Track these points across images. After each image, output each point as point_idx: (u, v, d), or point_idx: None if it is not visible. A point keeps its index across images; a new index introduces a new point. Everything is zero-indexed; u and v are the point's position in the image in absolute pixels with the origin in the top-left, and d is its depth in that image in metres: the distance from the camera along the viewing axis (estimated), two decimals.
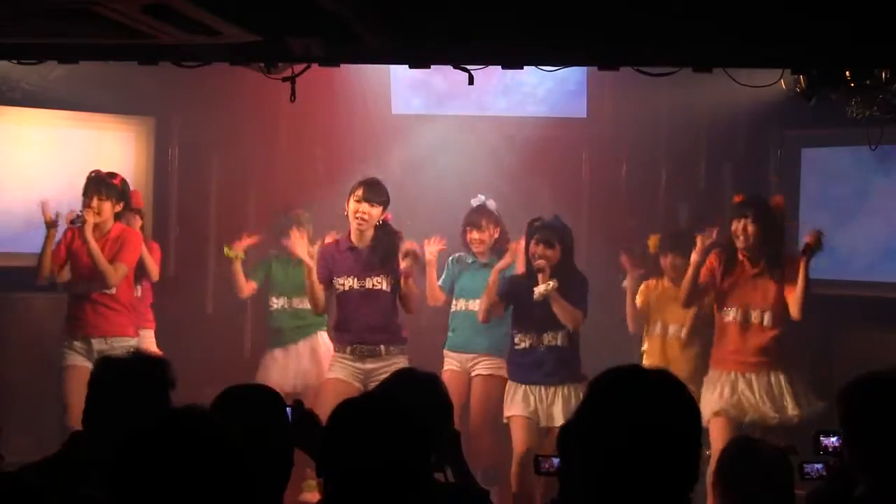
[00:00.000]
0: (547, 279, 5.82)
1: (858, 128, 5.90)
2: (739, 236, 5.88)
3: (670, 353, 6.45)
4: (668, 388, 2.14)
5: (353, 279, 5.99)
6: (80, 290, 6.30)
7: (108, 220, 6.29)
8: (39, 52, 5.16)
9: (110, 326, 6.27)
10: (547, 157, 7.59)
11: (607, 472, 2.07)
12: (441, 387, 3.59)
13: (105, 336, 6.24)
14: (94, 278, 6.23)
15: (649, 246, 6.66)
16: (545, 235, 5.92)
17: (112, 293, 6.27)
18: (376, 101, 7.69)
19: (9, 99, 7.18)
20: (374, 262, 5.98)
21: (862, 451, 2.95)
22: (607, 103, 7.59)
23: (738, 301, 5.93)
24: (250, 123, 7.73)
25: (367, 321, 5.96)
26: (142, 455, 2.16)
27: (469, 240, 6.62)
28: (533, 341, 5.96)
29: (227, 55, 4.89)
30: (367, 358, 5.96)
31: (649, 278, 6.60)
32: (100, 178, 6.30)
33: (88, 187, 6.27)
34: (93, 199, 6.23)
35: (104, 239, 6.25)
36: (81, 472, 3.08)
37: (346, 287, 6.00)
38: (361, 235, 6.00)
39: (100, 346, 6.19)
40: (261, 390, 3.28)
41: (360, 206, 5.94)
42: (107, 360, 3.69)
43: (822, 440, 3.45)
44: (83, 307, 6.27)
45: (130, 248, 6.32)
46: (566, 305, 5.85)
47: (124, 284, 6.31)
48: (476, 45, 4.75)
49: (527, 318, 5.98)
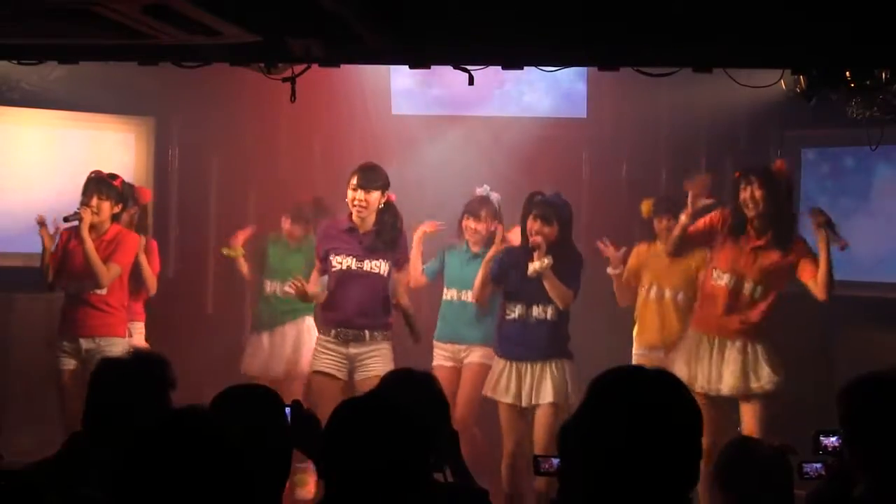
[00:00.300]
0: (542, 256, 5.78)
1: (859, 128, 5.90)
2: (749, 204, 5.75)
3: (666, 317, 6.43)
4: (668, 387, 2.14)
5: (353, 259, 5.92)
6: (72, 289, 6.27)
7: (105, 221, 6.26)
8: (39, 52, 5.16)
9: (99, 327, 6.22)
10: (547, 158, 7.59)
11: (607, 472, 2.07)
12: (437, 386, 3.59)
13: (93, 336, 6.19)
14: (86, 277, 6.19)
15: (642, 210, 6.64)
16: (544, 212, 5.86)
17: (103, 293, 6.22)
18: (376, 102, 7.69)
19: (9, 99, 7.18)
20: (376, 246, 5.92)
21: (862, 450, 2.95)
22: (607, 104, 7.59)
23: (733, 268, 5.83)
24: (250, 124, 7.74)
25: (357, 304, 5.88)
26: (143, 455, 2.16)
27: (464, 226, 6.58)
28: (522, 312, 5.90)
29: (228, 55, 4.89)
30: (350, 342, 5.88)
31: (640, 242, 6.59)
32: (101, 178, 6.29)
33: (88, 186, 6.24)
34: (92, 198, 6.20)
35: (100, 239, 6.21)
36: (82, 472, 3.08)
37: (344, 266, 5.91)
38: (363, 221, 5.95)
39: (88, 345, 6.16)
40: (260, 391, 3.28)
41: (356, 194, 5.88)
42: (107, 361, 3.70)
43: (822, 440, 3.44)
44: (75, 307, 6.24)
45: (125, 249, 6.27)
46: (558, 284, 5.82)
47: (117, 286, 6.26)
48: (476, 46, 4.75)
49: (519, 289, 5.93)
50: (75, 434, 3.53)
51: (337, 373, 5.90)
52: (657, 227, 6.57)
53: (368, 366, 5.87)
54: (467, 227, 6.57)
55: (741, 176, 5.85)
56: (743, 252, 5.83)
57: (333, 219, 6.25)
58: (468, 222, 6.56)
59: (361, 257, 5.91)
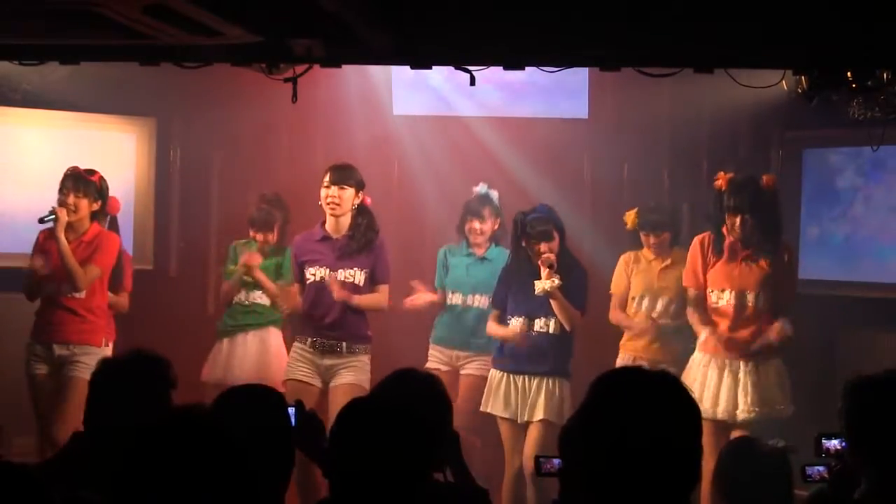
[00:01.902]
0: (553, 275, 5.67)
1: (860, 129, 5.89)
2: (735, 231, 5.70)
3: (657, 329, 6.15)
4: (669, 388, 2.13)
5: (326, 270, 5.84)
6: (48, 291, 6.05)
7: (84, 219, 6.02)
8: (40, 52, 5.16)
9: (75, 333, 5.98)
10: (548, 158, 7.58)
11: (608, 473, 2.07)
12: (440, 386, 3.58)
13: (68, 342, 5.97)
14: (63, 280, 5.96)
15: (626, 221, 6.40)
16: (543, 228, 5.79)
17: (81, 297, 5.99)
18: (377, 102, 7.69)
19: (9, 100, 7.17)
20: (350, 252, 5.82)
21: (864, 452, 2.96)
22: (608, 104, 7.58)
23: (730, 284, 5.75)
24: (251, 124, 7.73)
25: (331, 316, 5.80)
26: (144, 456, 2.16)
27: (468, 230, 6.48)
28: (523, 326, 5.83)
29: (229, 56, 4.89)
30: (326, 354, 5.83)
31: (626, 252, 6.37)
32: (77, 174, 6.03)
33: (65, 184, 6.00)
34: (69, 195, 5.96)
35: (78, 240, 5.99)
36: (83, 472, 3.08)
37: (317, 278, 5.84)
38: (337, 223, 5.86)
39: (61, 351, 5.96)
40: (263, 391, 3.28)
41: (329, 191, 5.80)
42: (107, 361, 3.71)
43: (824, 442, 3.45)
44: (51, 310, 6.01)
45: (105, 251, 6.03)
46: (566, 306, 5.74)
47: (97, 289, 6.04)
48: (477, 46, 4.75)
49: (521, 300, 5.85)
50: (76, 434, 3.54)
51: (311, 381, 5.84)
52: (643, 240, 6.34)
53: (343, 375, 5.80)
54: (472, 229, 6.47)
55: (732, 200, 5.69)
56: (736, 265, 5.77)
57: (307, 230, 6.09)
58: (472, 224, 6.47)
59: (335, 267, 5.82)
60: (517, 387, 5.83)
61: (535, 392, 5.79)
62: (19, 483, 2.28)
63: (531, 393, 5.79)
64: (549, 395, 5.75)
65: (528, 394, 5.79)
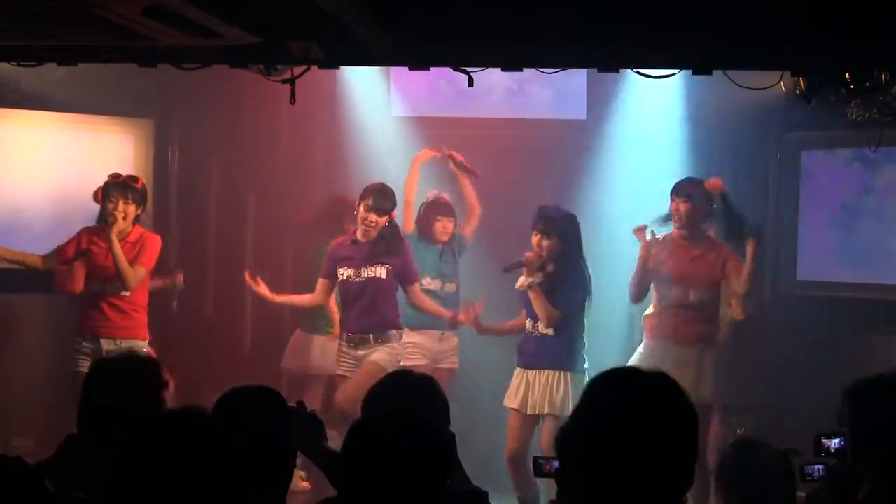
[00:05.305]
0: (532, 273, 5.96)
1: (858, 130, 5.91)
2: (674, 216, 6.19)
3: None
4: (665, 390, 2.13)
5: (352, 270, 6.29)
6: (93, 290, 6.31)
7: (129, 223, 6.32)
8: (39, 54, 5.16)
9: (122, 329, 6.28)
10: (547, 159, 7.58)
11: (604, 474, 2.07)
12: (436, 387, 3.58)
13: (114, 338, 6.24)
14: (110, 280, 6.26)
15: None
16: (544, 226, 6.04)
17: (126, 295, 6.28)
18: (375, 103, 7.69)
19: (8, 101, 7.16)
20: (375, 254, 6.27)
21: (866, 453, 2.96)
22: (607, 105, 7.58)
23: (678, 278, 6.14)
24: (250, 125, 7.73)
25: (359, 310, 6.27)
26: (140, 457, 2.16)
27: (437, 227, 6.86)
28: (531, 327, 6.13)
29: (227, 57, 4.88)
30: (359, 346, 6.28)
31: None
32: (124, 181, 6.33)
33: (112, 190, 6.27)
34: (118, 202, 6.24)
35: (124, 242, 6.26)
36: (78, 474, 3.07)
37: (345, 277, 6.32)
38: (366, 234, 6.32)
39: (108, 346, 6.19)
40: (263, 392, 3.27)
41: (369, 216, 6.25)
42: (99, 362, 3.73)
43: (824, 442, 3.45)
44: (97, 306, 6.28)
45: (150, 251, 6.34)
46: (542, 303, 5.99)
47: (140, 288, 6.34)
48: (476, 47, 4.75)
49: (529, 303, 6.11)
50: (71, 436, 3.53)
51: (352, 374, 6.24)
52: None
53: (371, 357, 6.22)
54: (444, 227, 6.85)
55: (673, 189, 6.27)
56: (684, 261, 6.17)
57: (340, 237, 6.55)
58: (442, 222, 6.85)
59: (359, 266, 6.28)
60: (530, 381, 6.06)
61: (543, 386, 6.00)
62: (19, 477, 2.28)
63: (539, 387, 6.00)
64: (554, 391, 5.96)
65: (537, 387, 6.01)
